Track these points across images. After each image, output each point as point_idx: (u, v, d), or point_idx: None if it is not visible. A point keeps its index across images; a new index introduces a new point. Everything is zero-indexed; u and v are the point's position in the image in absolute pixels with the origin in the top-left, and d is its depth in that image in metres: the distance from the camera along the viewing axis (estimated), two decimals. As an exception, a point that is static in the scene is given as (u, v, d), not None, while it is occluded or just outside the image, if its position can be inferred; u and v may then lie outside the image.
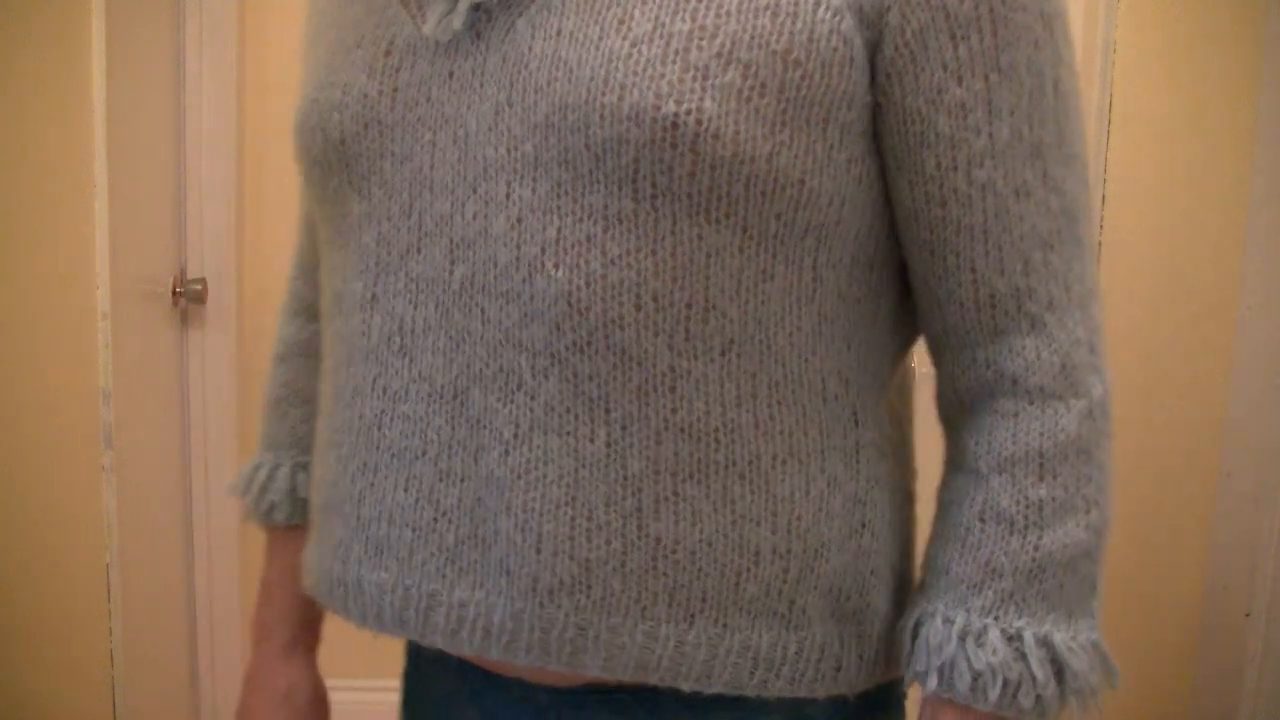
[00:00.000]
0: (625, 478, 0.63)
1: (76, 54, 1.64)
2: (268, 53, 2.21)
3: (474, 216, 0.65)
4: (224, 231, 2.16)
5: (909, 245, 0.66)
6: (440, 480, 0.67)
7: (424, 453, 0.67)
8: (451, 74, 0.66)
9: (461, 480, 0.66)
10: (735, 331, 0.63)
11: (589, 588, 0.65)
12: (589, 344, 0.62)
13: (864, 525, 0.69)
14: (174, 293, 2.10)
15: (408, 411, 0.67)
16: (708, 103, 0.58)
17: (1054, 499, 0.63)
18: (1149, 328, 1.82)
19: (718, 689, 0.66)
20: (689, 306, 0.62)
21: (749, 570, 0.65)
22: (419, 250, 0.67)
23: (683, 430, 0.63)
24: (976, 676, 0.62)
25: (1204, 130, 1.63)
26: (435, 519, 0.67)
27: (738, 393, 0.63)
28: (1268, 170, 1.32)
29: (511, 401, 0.64)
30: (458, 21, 0.65)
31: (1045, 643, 0.62)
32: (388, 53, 0.69)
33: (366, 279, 0.69)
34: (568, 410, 0.63)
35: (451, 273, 0.65)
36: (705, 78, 0.59)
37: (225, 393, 2.20)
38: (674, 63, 0.59)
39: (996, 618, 0.63)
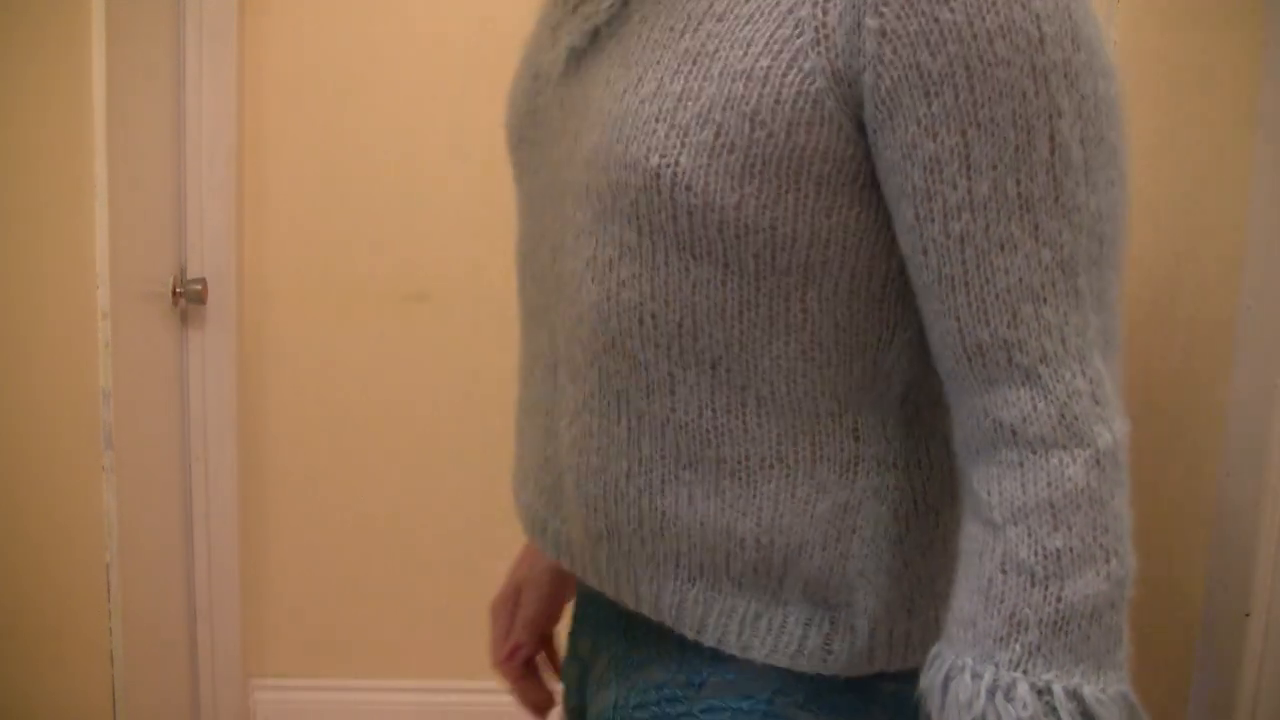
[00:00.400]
0: (640, 459, 0.74)
1: (76, 54, 1.64)
2: (268, 53, 2.21)
3: (561, 228, 0.77)
4: (224, 231, 2.16)
5: (914, 288, 0.68)
6: (545, 433, 0.82)
7: (540, 409, 0.82)
8: (561, 103, 0.78)
9: (555, 437, 0.81)
10: (721, 351, 0.71)
11: (618, 541, 0.77)
12: (612, 347, 0.73)
13: (853, 531, 0.73)
14: (174, 293, 2.10)
15: (538, 374, 0.83)
16: (684, 158, 0.67)
17: (1071, 549, 0.63)
18: (1148, 328, 1.82)
19: (711, 643, 0.76)
20: (680, 326, 0.71)
21: (735, 552, 0.74)
22: (538, 248, 0.81)
23: (681, 427, 0.73)
24: None
25: (1204, 130, 1.63)
26: (543, 463, 0.83)
27: (727, 401, 0.72)
28: (1268, 170, 1.32)
29: (573, 383, 0.77)
30: (560, 60, 0.78)
31: (1075, 696, 0.62)
32: (535, 77, 0.82)
33: (522, 264, 0.85)
34: (603, 398, 0.75)
35: (552, 270, 0.79)
36: (685, 135, 0.67)
37: (225, 393, 2.21)
38: (665, 121, 0.67)
39: (1025, 671, 0.63)
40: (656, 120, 0.68)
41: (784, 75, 0.65)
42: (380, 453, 2.33)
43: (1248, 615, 1.29)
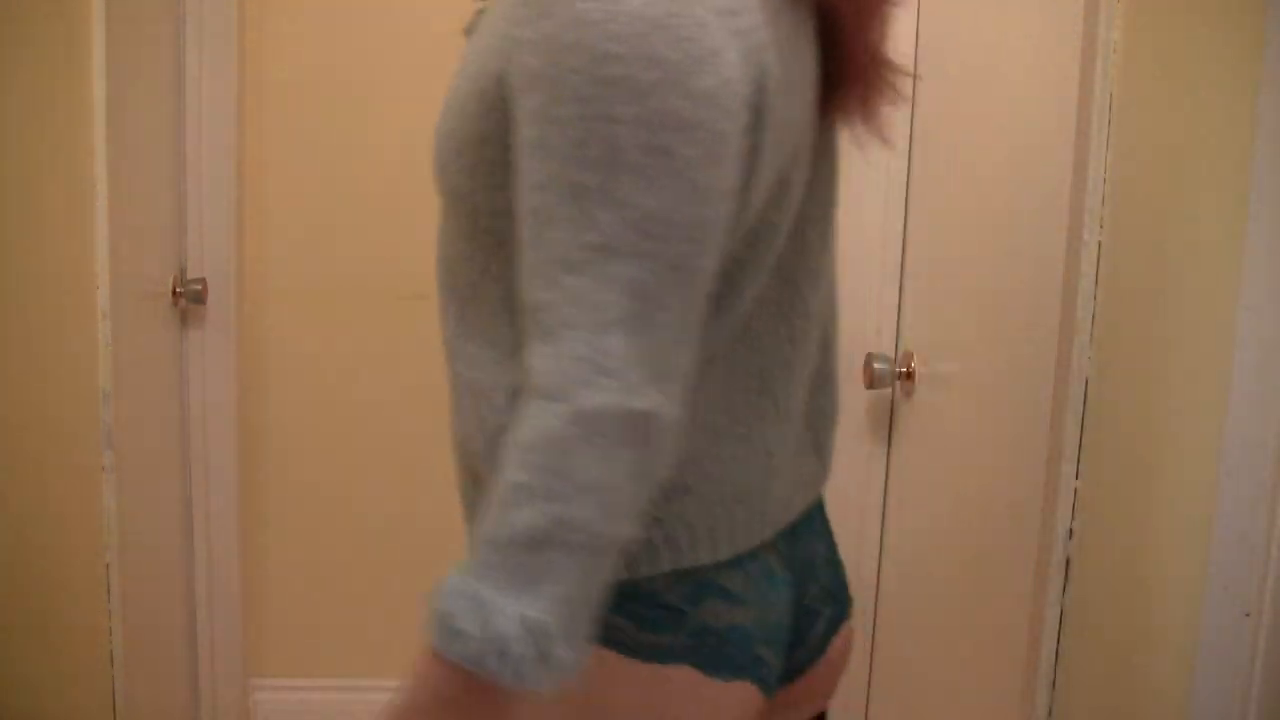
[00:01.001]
0: (449, 370, 0.93)
1: (76, 54, 1.64)
2: (268, 53, 2.21)
3: None
4: (224, 231, 2.16)
5: None
6: None
7: None
8: None
9: None
10: (463, 289, 0.89)
11: (452, 432, 0.95)
12: (435, 280, 0.93)
13: (496, 457, 0.83)
14: (174, 293, 2.10)
15: None
16: (438, 138, 0.86)
17: (525, 485, 0.74)
18: (1148, 327, 1.82)
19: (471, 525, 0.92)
20: (447, 267, 0.91)
21: (464, 457, 0.93)
22: None
23: (447, 345, 0.92)
24: (439, 622, 0.74)
25: (1204, 130, 1.63)
26: None
27: (466, 330, 0.90)
28: (1268, 170, 1.31)
29: None
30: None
31: (479, 602, 0.73)
32: None
33: None
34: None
35: None
36: (443, 120, 0.86)
37: (225, 393, 2.21)
38: (445, 108, 0.87)
39: (473, 580, 0.74)
40: (444, 106, 0.87)
41: (481, 75, 0.81)
42: (380, 452, 2.33)
43: (1247, 615, 1.28)
